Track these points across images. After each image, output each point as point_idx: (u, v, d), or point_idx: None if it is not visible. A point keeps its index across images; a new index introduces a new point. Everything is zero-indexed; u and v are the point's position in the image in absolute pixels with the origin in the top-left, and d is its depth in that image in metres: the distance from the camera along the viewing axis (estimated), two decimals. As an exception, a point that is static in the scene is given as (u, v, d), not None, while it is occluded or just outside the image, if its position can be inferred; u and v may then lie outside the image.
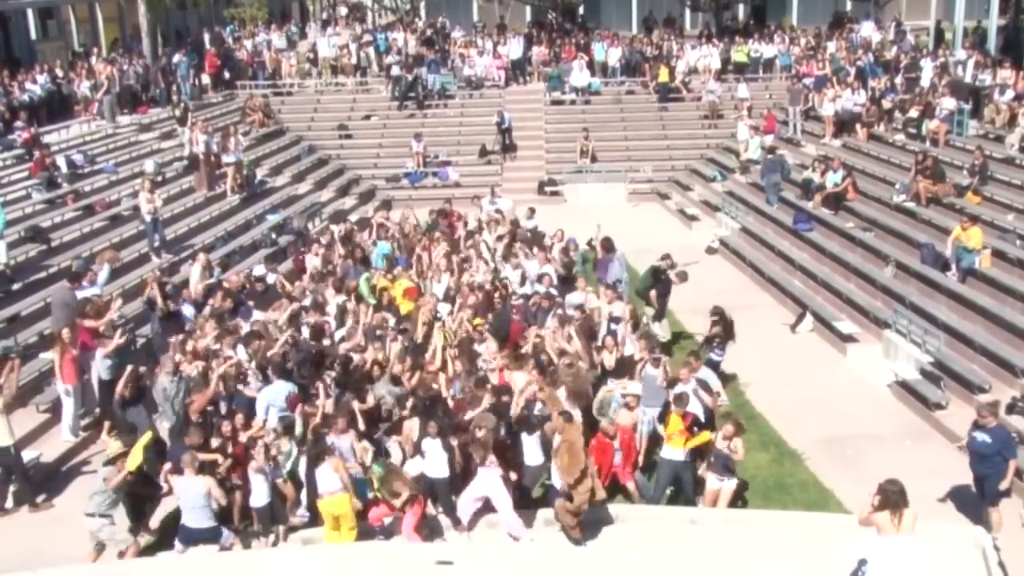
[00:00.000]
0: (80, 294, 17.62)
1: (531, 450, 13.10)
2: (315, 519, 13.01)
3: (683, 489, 13.54)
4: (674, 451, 13.25)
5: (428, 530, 12.71)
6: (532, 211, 25.03)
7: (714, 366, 16.26)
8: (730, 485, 13.21)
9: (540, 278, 18.79)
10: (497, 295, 18.31)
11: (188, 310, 18.23)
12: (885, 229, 23.09)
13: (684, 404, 13.26)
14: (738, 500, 13.78)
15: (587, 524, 12.68)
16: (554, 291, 18.11)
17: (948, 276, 19.91)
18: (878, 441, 16.07)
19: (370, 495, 12.86)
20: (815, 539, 12.24)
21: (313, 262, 20.85)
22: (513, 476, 12.96)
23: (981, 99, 27.29)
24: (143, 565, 12.44)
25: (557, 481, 12.50)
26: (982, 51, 31.00)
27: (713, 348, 16.67)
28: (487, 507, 12.77)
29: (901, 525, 9.84)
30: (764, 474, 14.90)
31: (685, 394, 13.50)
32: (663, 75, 37.03)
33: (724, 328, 16.81)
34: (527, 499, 13.32)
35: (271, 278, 20.22)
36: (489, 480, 12.52)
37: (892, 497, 9.87)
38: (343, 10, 57.88)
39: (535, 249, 20.66)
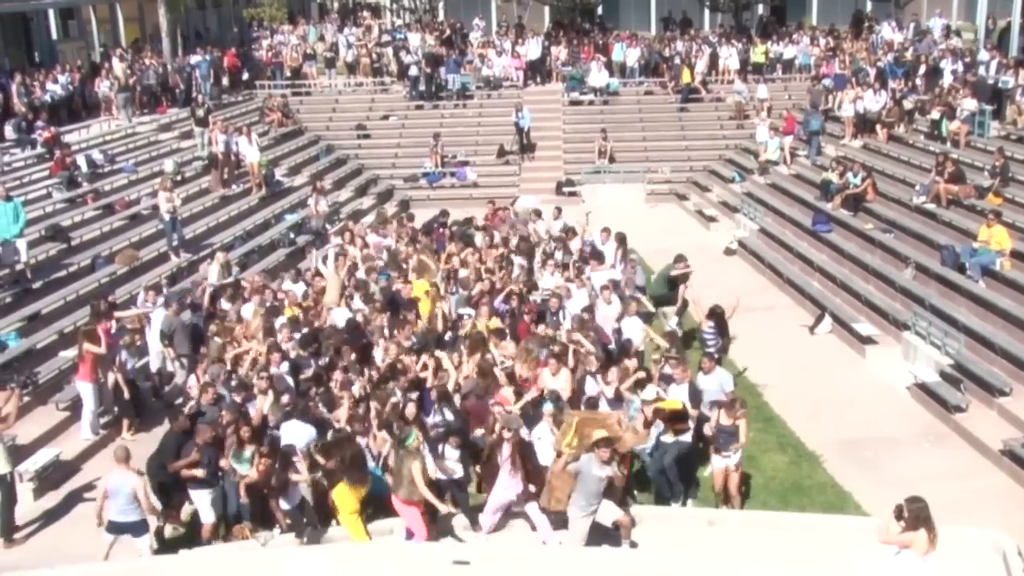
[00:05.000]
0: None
1: (545, 451, 13.11)
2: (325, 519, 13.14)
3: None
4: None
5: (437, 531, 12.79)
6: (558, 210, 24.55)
7: None
8: (735, 459, 13.31)
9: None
10: (515, 297, 18.31)
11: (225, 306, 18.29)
12: (905, 231, 22.96)
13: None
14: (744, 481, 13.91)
15: (603, 524, 12.71)
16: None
17: (967, 277, 19.76)
18: (897, 443, 15.99)
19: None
20: (833, 542, 12.19)
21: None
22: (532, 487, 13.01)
23: (1003, 100, 27.11)
24: (160, 563, 12.50)
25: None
26: (1003, 51, 30.78)
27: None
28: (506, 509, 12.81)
29: (936, 541, 9.75)
30: (782, 476, 14.85)
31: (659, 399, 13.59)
32: (685, 76, 36.99)
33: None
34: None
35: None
36: (514, 485, 12.51)
37: (924, 514, 9.76)
38: (366, 13, 57.86)
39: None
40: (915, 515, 9.75)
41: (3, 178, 23.47)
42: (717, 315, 17.18)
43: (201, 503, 13.00)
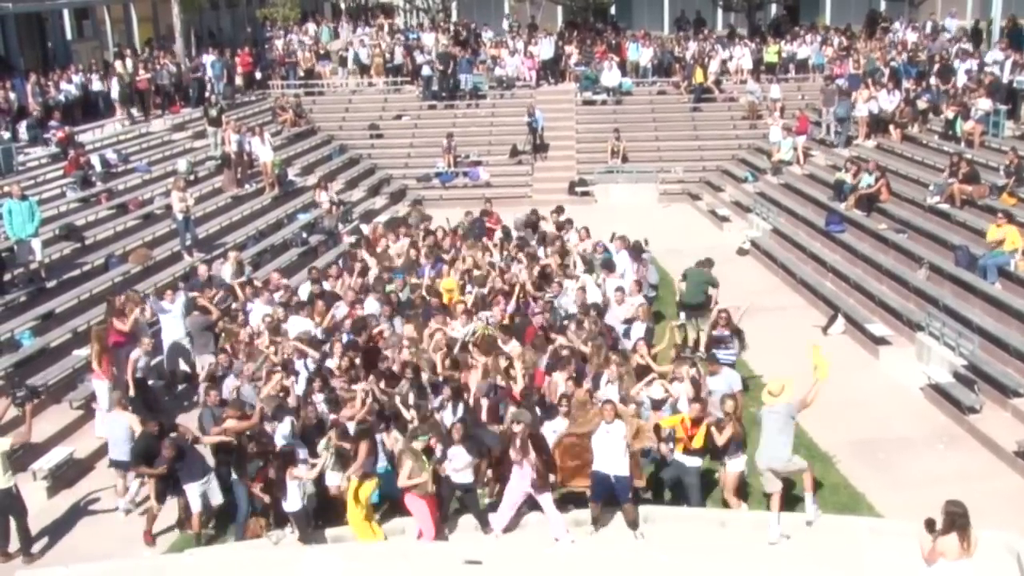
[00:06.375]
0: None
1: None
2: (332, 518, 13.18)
3: (685, 494, 13.36)
4: (678, 455, 13.20)
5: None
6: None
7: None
8: (735, 467, 13.19)
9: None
10: (522, 297, 18.32)
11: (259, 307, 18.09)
12: (918, 231, 22.85)
13: (702, 409, 13.18)
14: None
15: (615, 524, 12.69)
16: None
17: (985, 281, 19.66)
18: (910, 444, 15.93)
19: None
20: (846, 542, 12.16)
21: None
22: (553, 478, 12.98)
23: (1018, 100, 26.97)
24: (171, 562, 12.55)
25: None
26: (1017, 49, 30.58)
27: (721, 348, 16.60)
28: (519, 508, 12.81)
29: (970, 548, 9.68)
30: (795, 477, 14.77)
31: (704, 400, 13.50)
32: (698, 76, 36.96)
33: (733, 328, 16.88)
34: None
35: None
36: (527, 480, 12.51)
37: (959, 520, 9.70)
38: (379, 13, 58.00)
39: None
40: (950, 518, 9.71)
41: (18, 177, 23.63)
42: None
43: (190, 494, 13.14)
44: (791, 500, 14.09)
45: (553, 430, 13.17)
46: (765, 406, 12.91)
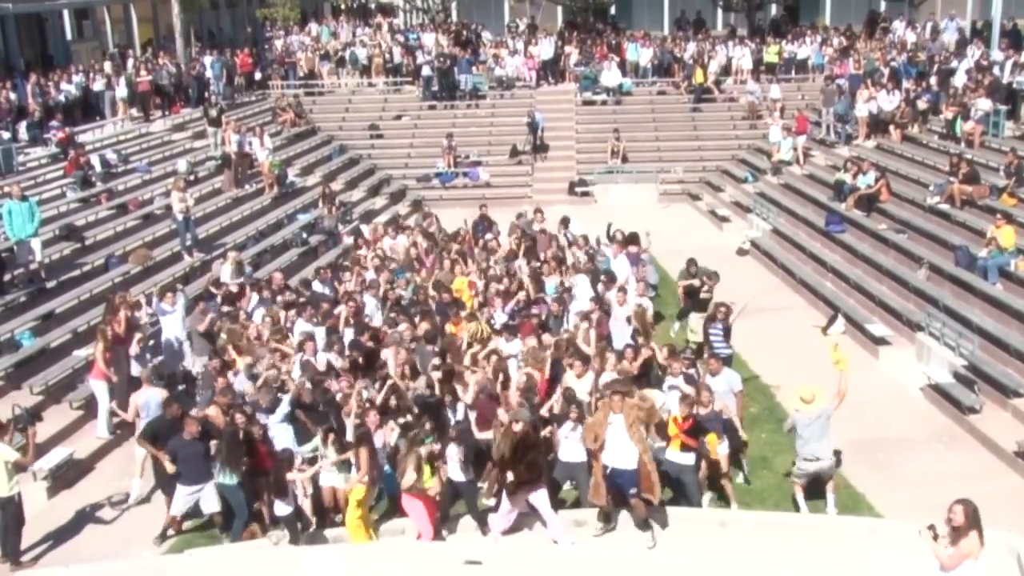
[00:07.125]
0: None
1: (572, 449, 13.01)
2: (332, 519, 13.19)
3: (684, 492, 13.32)
4: (673, 453, 13.11)
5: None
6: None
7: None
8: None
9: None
10: (522, 295, 18.32)
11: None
12: (918, 231, 22.85)
13: (691, 405, 13.12)
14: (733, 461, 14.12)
15: (617, 525, 12.68)
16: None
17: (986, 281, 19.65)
18: (910, 445, 15.93)
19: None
20: (846, 543, 12.15)
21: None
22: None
23: (1018, 100, 26.97)
24: (171, 562, 12.55)
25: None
26: (1018, 50, 30.58)
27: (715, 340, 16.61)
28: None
29: (984, 545, 9.70)
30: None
31: (691, 396, 13.40)
32: (698, 76, 36.99)
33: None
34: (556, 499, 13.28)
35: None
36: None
37: (977, 516, 9.69)
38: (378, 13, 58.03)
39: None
40: (970, 516, 9.68)
41: (18, 178, 23.63)
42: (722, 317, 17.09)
43: (177, 496, 13.14)
44: (786, 500, 14.15)
45: (564, 436, 13.02)
46: (800, 412, 13.09)
